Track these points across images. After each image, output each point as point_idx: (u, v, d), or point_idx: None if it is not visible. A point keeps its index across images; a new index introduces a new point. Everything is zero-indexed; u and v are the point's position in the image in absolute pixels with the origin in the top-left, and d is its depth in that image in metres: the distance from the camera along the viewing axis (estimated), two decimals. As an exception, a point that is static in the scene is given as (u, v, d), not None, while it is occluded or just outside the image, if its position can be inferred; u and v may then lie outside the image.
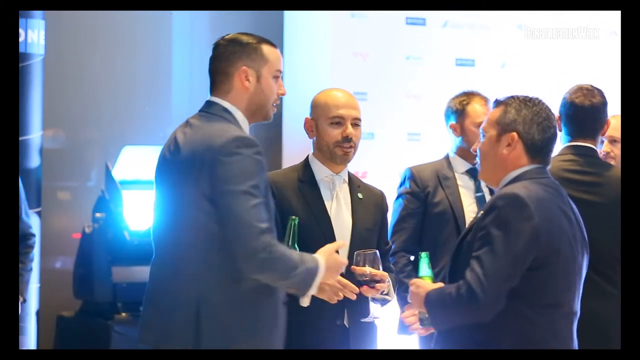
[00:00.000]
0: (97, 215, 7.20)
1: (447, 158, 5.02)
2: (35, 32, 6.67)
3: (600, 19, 7.65)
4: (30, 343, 6.64)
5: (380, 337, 4.32)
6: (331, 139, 4.19)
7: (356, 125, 4.21)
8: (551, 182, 3.54)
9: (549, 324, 3.43)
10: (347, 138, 4.18)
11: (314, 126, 4.24)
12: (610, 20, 7.57)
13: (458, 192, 4.90)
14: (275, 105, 3.72)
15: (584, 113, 4.55)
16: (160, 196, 3.64)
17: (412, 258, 4.85)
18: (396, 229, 4.86)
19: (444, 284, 3.55)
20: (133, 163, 7.38)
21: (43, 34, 6.72)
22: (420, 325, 3.59)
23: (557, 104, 4.69)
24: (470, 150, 4.83)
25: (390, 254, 4.55)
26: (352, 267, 3.98)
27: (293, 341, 4.02)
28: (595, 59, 7.68)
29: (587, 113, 4.55)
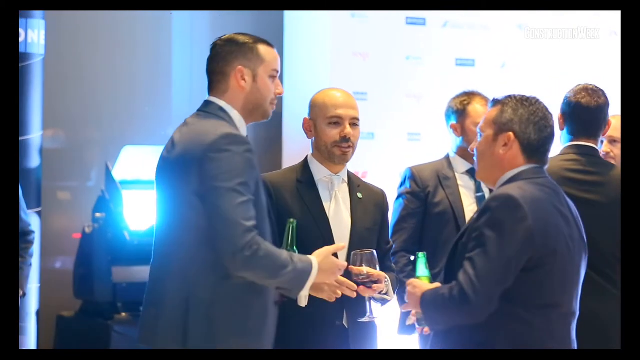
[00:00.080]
0: (97, 215, 7.20)
1: (448, 158, 5.01)
2: (35, 32, 6.67)
3: (600, 19, 7.65)
4: (30, 343, 6.64)
5: (381, 337, 4.32)
6: (329, 139, 4.18)
7: (354, 125, 4.20)
8: (548, 182, 3.53)
9: (545, 325, 3.42)
10: (346, 138, 4.17)
11: (312, 126, 4.23)
12: (610, 20, 7.57)
13: (458, 192, 4.90)
14: (273, 104, 3.73)
15: (590, 113, 4.55)
16: (158, 196, 3.66)
17: (413, 258, 4.85)
18: (396, 229, 4.86)
19: (441, 284, 3.54)
20: (133, 163, 7.38)
21: (43, 34, 6.72)
22: (417, 325, 3.59)
23: (557, 104, 4.69)
24: (468, 149, 4.84)
25: (391, 254, 4.54)
26: (350, 267, 3.97)
27: (292, 342, 4.04)
28: (595, 59, 7.68)
29: (593, 113, 4.55)
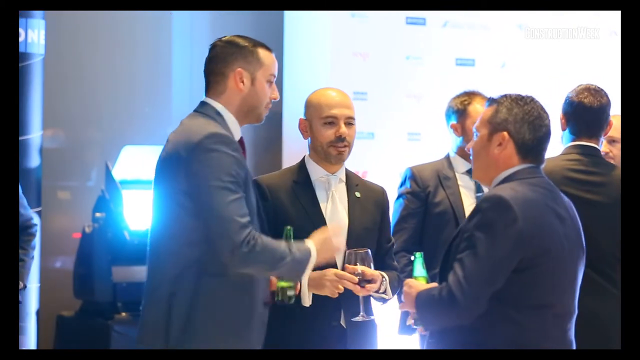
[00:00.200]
0: (97, 215, 7.20)
1: (448, 158, 5.01)
2: (36, 32, 6.67)
3: (600, 19, 7.65)
4: (30, 343, 6.64)
5: (381, 337, 4.32)
6: (325, 139, 4.17)
7: (350, 124, 4.19)
8: (543, 182, 3.50)
9: (539, 325, 3.40)
10: (341, 137, 4.16)
11: (308, 127, 4.22)
12: (610, 20, 7.57)
13: (459, 192, 4.90)
14: (267, 108, 3.75)
15: (592, 113, 4.56)
16: (153, 195, 3.68)
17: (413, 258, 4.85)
18: (397, 228, 4.85)
19: (438, 284, 3.54)
20: (133, 163, 7.38)
21: (43, 33, 6.72)
22: (415, 325, 3.59)
23: (558, 104, 4.69)
24: (465, 149, 4.83)
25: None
26: (345, 266, 3.99)
27: (290, 342, 4.04)
28: (595, 59, 7.68)
29: (595, 113, 4.56)
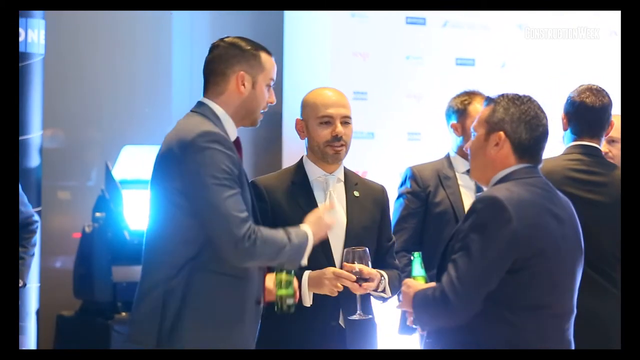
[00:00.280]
0: (97, 214, 7.20)
1: (448, 157, 5.01)
2: (35, 32, 6.67)
3: (600, 19, 7.65)
4: (30, 342, 6.64)
5: (382, 337, 4.32)
6: (321, 138, 4.17)
7: (346, 123, 4.19)
8: (539, 182, 3.49)
9: (535, 326, 3.39)
10: (337, 137, 4.16)
11: (304, 127, 4.22)
12: (610, 20, 7.57)
13: (459, 192, 4.90)
14: (263, 112, 3.78)
15: (594, 113, 4.56)
16: (150, 194, 3.71)
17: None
18: (397, 228, 4.85)
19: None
20: (133, 163, 7.38)
21: (43, 33, 6.72)
22: (414, 324, 3.59)
23: (557, 104, 4.69)
24: (463, 149, 4.84)
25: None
26: (344, 264, 3.99)
27: (289, 342, 4.05)
28: (595, 59, 7.68)
29: (597, 113, 4.56)
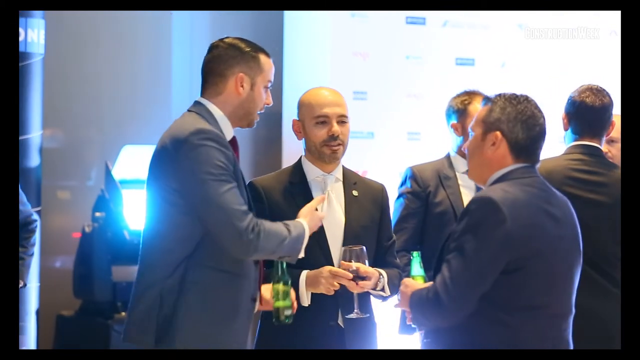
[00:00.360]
0: (97, 214, 7.21)
1: (448, 157, 5.00)
2: (35, 32, 6.66)
3: (600, 19, 7.65)
4: (30, 342, 6.64)
5: (382, 337, 4.31)
6: (317, 138, 4.17)
7: (342, 122, 4.18)
8: (536, 182, 3.47)
9: (531, 326, 3.37)
10: (334, 136, 4.15)
11: (301, 127, 4.22)
12: (610, 20, 7.57)
13: (459, 192, 4.89)
14: (259, 114, 3.79)
15: (594, 113, 4.56)
16: (146, 194, 3.74)
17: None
18: (397, 228, 4.84)
19: None
20: (133, 162, 7.38)
21: (43, 33, 6.72)
22: (412, 324, 3.59)
23: (557, 104, 4.69)
24: (462, 149, 4.83)
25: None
26: (341, 262, 4.00)
27: (287, 342, 4.05)
28: (595, 59, 7.68)
29: (597, 113, 4.56)
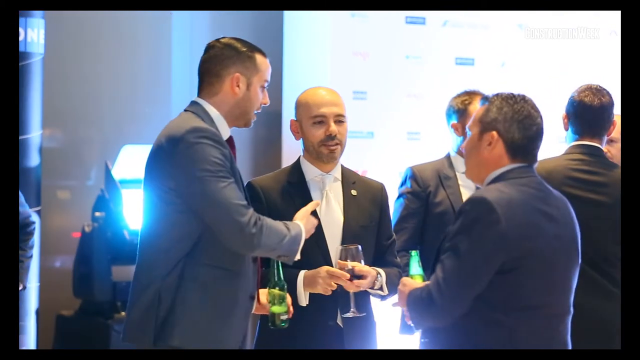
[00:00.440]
0: (97, 214, 7.21)
1: (448, 157, 4.99)
2: (35, 31, 6.67)
3: (600, 19, 7.65)
4: (29, 342, 6.64)
5: (382, 337, 4.31)
6: (315, 138, 4.16)
7: (340, 122, 4.17)
8: (532, 182, 3.46)
9: (528, 326, 3.35)
10: (331, 136, 4.14)
11: (298, 127, 4.21)
12: (610, 20, 7.57)
13: (459, 192, 4.88)
14: (256, 114, 3.80)
15: (593, 112, 4.55)
16: (143, 194, 3.73)
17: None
18: (397, 228, 4.83)
19: None
20: (132, 162, 7.38)
21: (43, 32, 6.72)
22: (410, 323, 3.58)
23: (557, 104, 4.69)
24: (461, 148, 4.83)
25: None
26: (337, 262, 3.99)
27: (286, 342, 4.04)
28: (595, 59, 7.68)
29: (596, 112, 4.56)
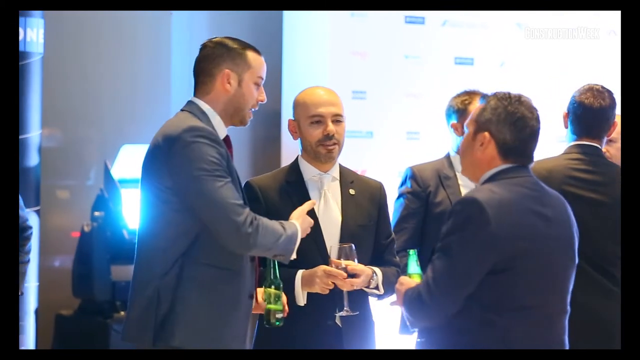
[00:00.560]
0: (96, 213, 7.21)
1: (448, 157, 4.99)
2: (34, 31, 6.66)
3: (600, 19, 7.65)
4: (29, 342, 6.64)
5: (382, 337, 4.31)
6: (313, 138, 4.15)
7: (338, 121, 4.16)
8: (526, 182, 3.45)
9: (521, 327, 3.35)
10: (329, 136, 4.14)
11: (296, 127, 4.20)
12: (610, 20, 7.57)
13: (459, 192, 4.87)
14: (253, 111, 3.79)
15: (593, 114, 4.55)
16: (140, 194, 3.72)
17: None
18: (397, 228, 4.84)
19: None
20: (131, 162, 7.38)
21: (42, 32, 6.72)
22: (407, 322, 3.58)
23: (556, 103, 4.69)
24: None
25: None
26: (331, 260, 3.99)
27: (285, 342, 4.04)
28: (594, 58, 7.68)
29: (596, 114, 4.55)
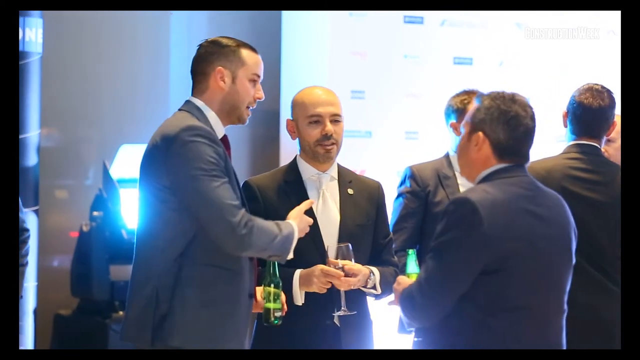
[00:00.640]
0: (95, 213, 7.21)
1: (447, 157, 4.99)
2: (33, 31, 6.66)
3: (600, 19, 7.65)
4: (27, 342, 6.63)
5: (381, 336, 4.31)
6: (311, 138, 4.15)
7: (336, 121, 4.16)
8: (521, 182, 3.44)
9: (516, 327, 3.34)
10: (327, 136, 4.14)
11: (295, 127, 4.20)
12: (609, 20, 7.57)
13: (458, 192, 4.85)
14: (250, 109, 3.80)
15: (592, 114, 4.55)
16: (138, 194, 3.73)
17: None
18: (396, 228, 4.84)
19: None
20: (130, 161, 7.38)
21: (41, 32, 6.71)
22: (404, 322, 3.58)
23: (556, 103, 4.69)
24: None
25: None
26: (328, 260, 3.99)
27: (283, 342, 4.04)
28: (594, 58, 7.68)
29: (595, 114, 4.55)
